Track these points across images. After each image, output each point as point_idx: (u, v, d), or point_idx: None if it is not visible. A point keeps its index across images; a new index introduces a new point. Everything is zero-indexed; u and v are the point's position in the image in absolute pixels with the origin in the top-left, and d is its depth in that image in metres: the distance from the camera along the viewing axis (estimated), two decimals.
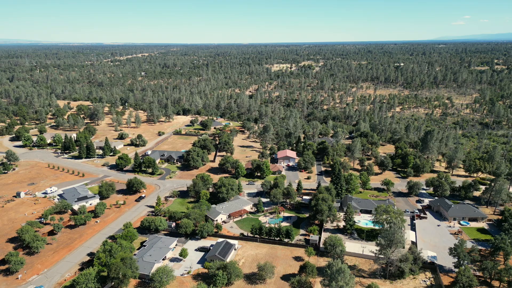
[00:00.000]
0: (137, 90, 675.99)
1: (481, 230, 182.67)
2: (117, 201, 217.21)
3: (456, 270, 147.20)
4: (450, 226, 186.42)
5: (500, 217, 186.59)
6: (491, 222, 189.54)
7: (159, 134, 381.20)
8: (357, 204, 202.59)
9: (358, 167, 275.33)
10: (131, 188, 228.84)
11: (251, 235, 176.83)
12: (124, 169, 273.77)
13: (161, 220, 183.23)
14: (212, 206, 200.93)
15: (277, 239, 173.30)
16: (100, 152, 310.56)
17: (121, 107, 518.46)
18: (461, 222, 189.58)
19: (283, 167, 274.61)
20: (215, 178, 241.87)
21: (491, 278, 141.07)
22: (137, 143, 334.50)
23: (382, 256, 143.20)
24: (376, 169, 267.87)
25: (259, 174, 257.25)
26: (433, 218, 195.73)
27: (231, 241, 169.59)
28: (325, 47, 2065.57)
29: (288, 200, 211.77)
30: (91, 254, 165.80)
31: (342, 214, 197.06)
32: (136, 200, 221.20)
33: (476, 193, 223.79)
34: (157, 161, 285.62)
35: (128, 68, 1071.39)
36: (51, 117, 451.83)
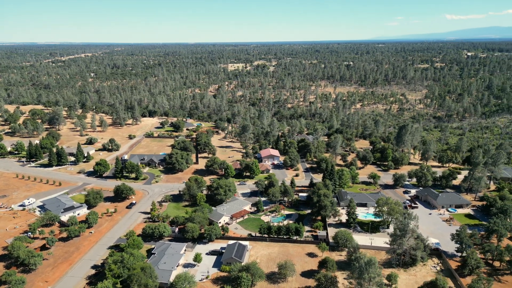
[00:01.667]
0: (91, 92, 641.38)
1: (468, 216, 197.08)
2: (107, 209, 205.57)
3: (459, 254, 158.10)
4: (440, 214, 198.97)
5: (484, 203, 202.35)
6: (475, 208, 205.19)
7: (130, 137, 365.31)
8: (352, 198, 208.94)
9: (341, 162, 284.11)
10: (120, 195, 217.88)
11: (260, 235, 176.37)
12: (103, 175, 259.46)
13: (165, 226, 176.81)
14: (213, 209, 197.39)
15: (285, 237, 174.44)
16: (72, 158, 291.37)
17: (80, 110, 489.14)
18: (449, 209, 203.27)
19: (270, 166, 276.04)
20: (205, 180, 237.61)
21: (493, 259, 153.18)
22: (110, 147, 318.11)
23: (397, 246, 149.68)
24: (358, 163, 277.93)
25: (248, 174, 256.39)
26: (423, 207, 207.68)
27: (243, 243, 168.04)
28: (274, 47, 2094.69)
29: (286, 198, 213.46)
30: (95, 267, 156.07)
31: (340, 208, 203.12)
32: (127, 207, 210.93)
33: (454, 182, 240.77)
34: None
35: (75, 69, 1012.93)
36: (3, 123, 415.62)
